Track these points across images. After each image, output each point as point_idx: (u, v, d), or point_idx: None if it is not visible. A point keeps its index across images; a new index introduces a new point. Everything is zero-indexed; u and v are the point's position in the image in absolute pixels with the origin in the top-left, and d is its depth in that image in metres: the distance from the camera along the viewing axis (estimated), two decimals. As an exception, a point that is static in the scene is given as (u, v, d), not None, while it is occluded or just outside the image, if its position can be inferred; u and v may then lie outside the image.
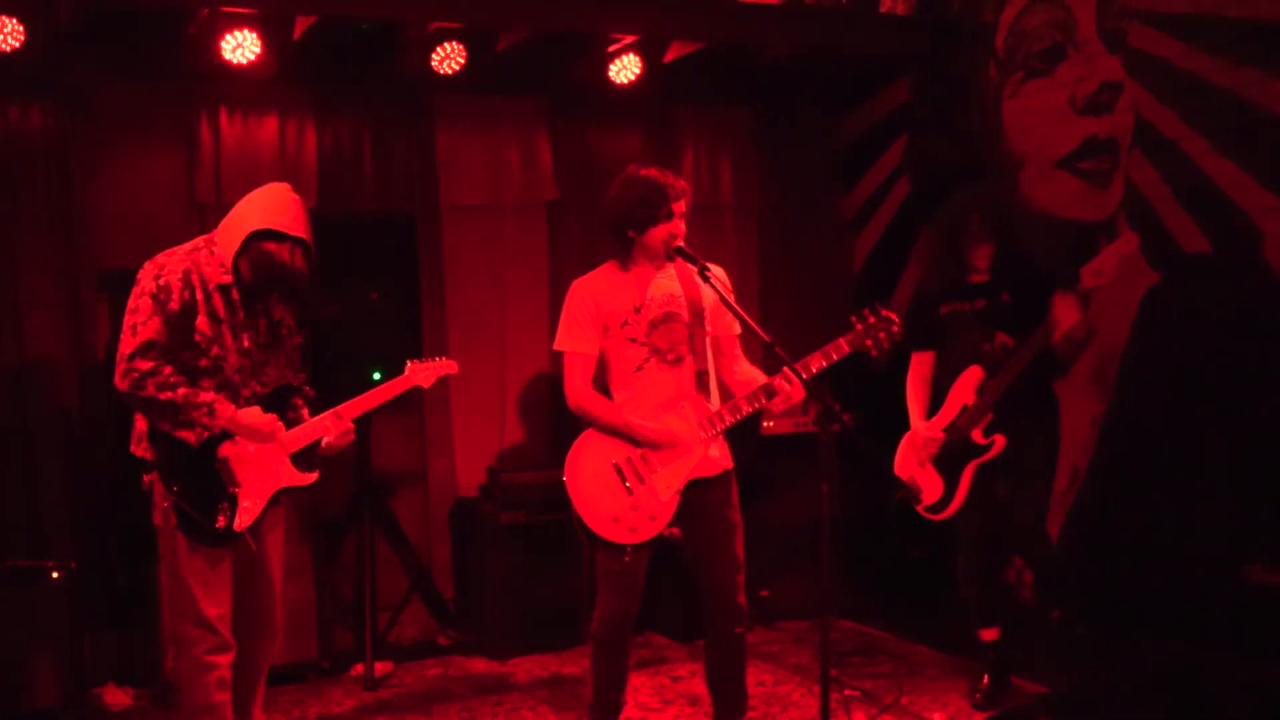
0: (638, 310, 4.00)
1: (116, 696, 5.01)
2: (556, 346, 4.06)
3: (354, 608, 5.53)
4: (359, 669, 5.32)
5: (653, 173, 3.98)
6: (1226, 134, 4.87)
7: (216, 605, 3.69)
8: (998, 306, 4.62)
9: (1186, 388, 5.03)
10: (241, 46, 5.09)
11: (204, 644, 3.68)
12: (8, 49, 4.80)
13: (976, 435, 4.58)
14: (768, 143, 6.76)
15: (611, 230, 4.02)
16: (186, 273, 3.66)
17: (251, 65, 5.16)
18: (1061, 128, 5.60)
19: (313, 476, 3.89)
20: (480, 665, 5.53)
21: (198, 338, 3.66)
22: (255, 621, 3.88)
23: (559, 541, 5.48)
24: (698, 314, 4.05)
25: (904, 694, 4.85)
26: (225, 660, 3.71)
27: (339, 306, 5.26)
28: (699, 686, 5.06)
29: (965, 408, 4.59)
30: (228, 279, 3.72)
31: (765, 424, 6.02)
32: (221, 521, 3.64)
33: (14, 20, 4.76)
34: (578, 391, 3.99)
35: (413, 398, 4.25)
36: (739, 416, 3.98)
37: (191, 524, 3.63)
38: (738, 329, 4.18)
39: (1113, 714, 3.59)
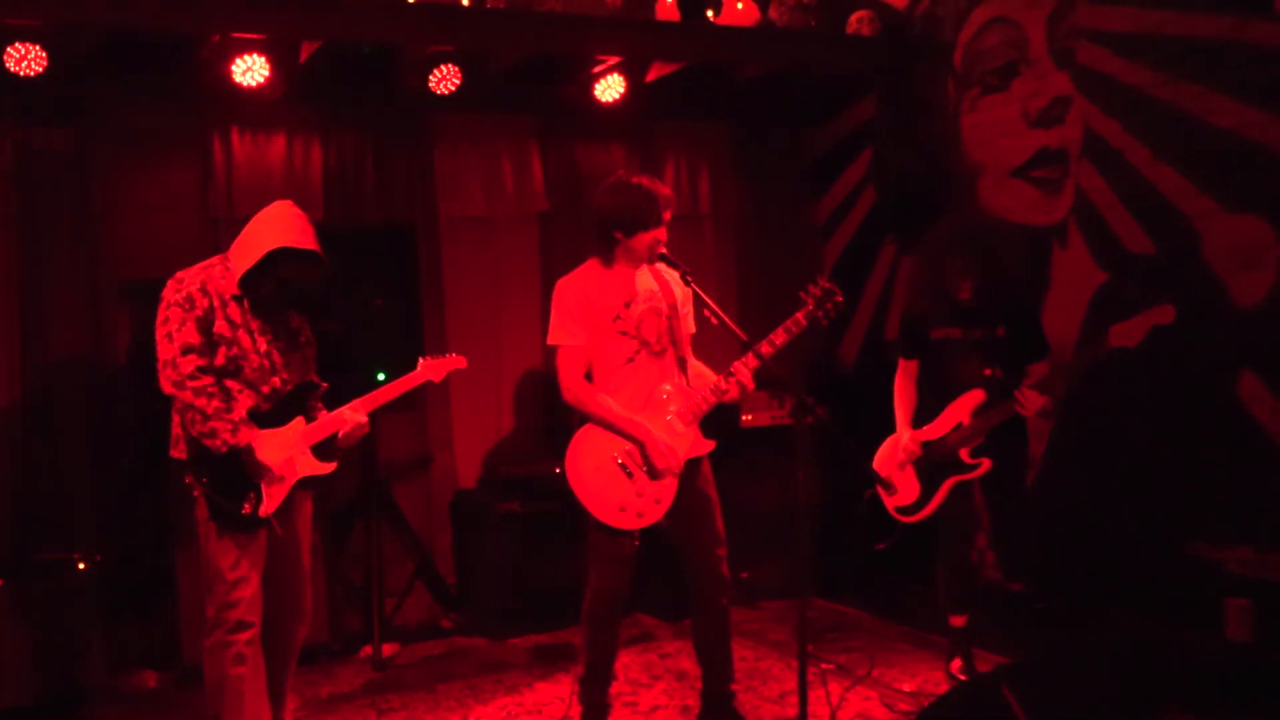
0: (628, 305, 4.02)
1: (142, 680, 5.01)
2: (551, 342, 4.06)
3: (362, 593, 5.53)
4: (367, 650, 5.32)
5: (644, 180, 4.01)
6: (1168, 144, 4.92)
7: (242, 590, 3.73)
8: (994, 339, 4.59)
9: (1133, 379, 5.08)
10: (251, 70, 5.09)
11: (227, 624, 3.73)
12: (32, 74, 4.79)
13: (964, 454, 4.56)
14: (743, 156, 6.79)
15: (599, 230, 4.04)
16: (203, 283, 3.74)
17: (260, 87, 5.16)
18: (1016, 139, 5.64)
19: (331, 466, 3.93)
20: (481, 645, 5.53)
21: (217, 341, 3.72)
22: (286, 604, 3.94)
23: (553, 528, 5.51)
24: (673, 307, 4.12)
25: (876, 667, 4.89)
26: (245, 638, 3.75)
27: (339, 322, 5.29)
28: (685, 663, 5.09)
29: (960, 425, 4.57)
30: (239, 291, 3.76)
31: (745, 416, 6.05)
32: (247, 508, 3.69)
33: (37, 47, 4.76)
34: (574, 385, 3.99)
35: (416, 396, 4.27)
36: (709, 406, 4.04)
37: (220, 511, 3.68)
38: (694, 329, 4.24)
39: (1069, 682, 3.62)
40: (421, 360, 4.23)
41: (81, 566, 4.81)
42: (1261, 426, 4.61)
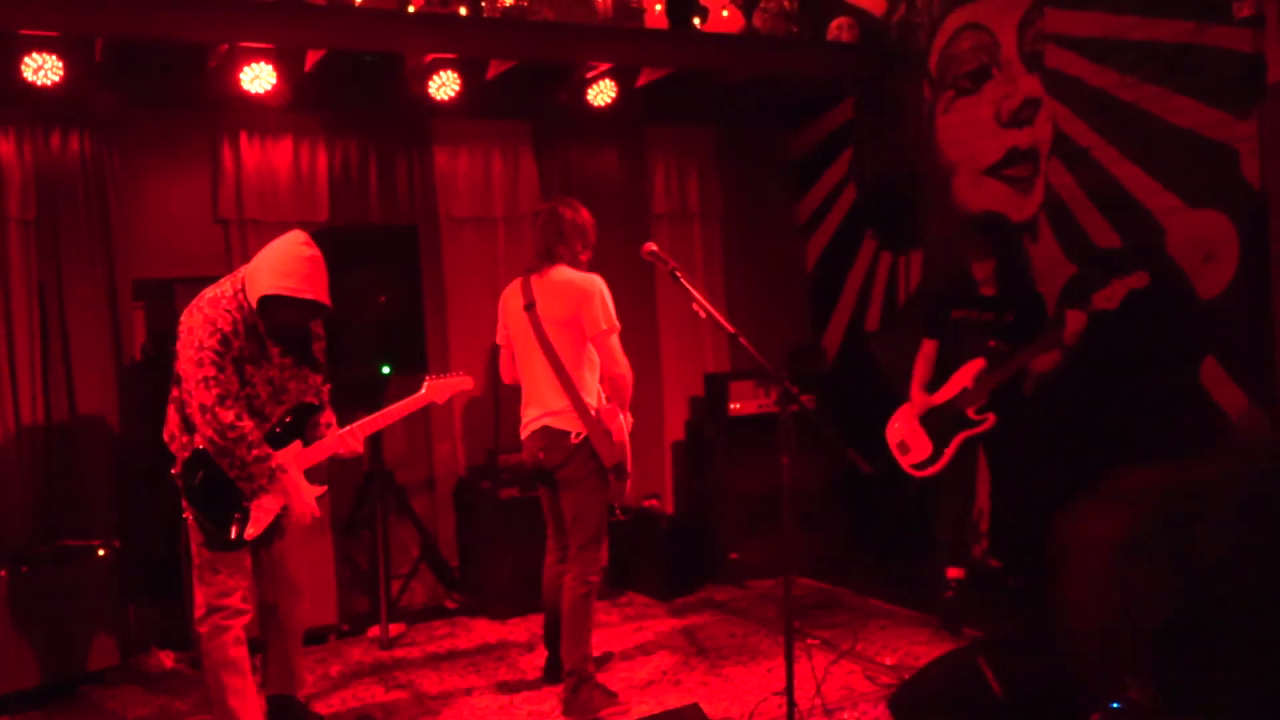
0: None
1: (159, 660, 5.01)
2: (614, 326, 4.21)
3: (369, 577, 5.54)
4: (375, 631, 5.33)
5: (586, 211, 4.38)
6: (1133, 143, 4.95)
7: (235, 581, 3.75)
8: (1003, 322, 4.88)
9: (1101, 367, 5.11)
10: (258, 78, 5.09)
11: (223, 612, 3.74)
12: (49, 83, 4.78)
13: (970, 413, 4.86)
14: (729, 157, 6.80)
15: (589, 241, 4.34)
16: (234, 322, 3.61)
17: (268, 94, 5.15)
18: (988, 140, 5.66)
19: (321, 490, 3.90)
20: (483, 625, 5.55)
21: (241, 378, 3.65)
22: (286, 586, 3.95)
23: (551, 514, 5.51)
24: None
25: (859, 642, 4.91)
26: (240, 623, 3.77)
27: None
28: (678, 639, 5.11)
29: (965, 390, 4.87)
30: (255, 320, 3.66)
31: (733, 405, 6.08)
32: (234, 532, 3.68)
33: (54, 57, 4.75)
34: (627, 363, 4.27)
35: (418, 385, 4.28)
36: None
37: (208, 534, 3.69)
38: None
39: (1040, 654, 3.64)
40: (427, 380, 4.19)
41: (101, 553, 4.82)
42: (1222, 410, 4.64)
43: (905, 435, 5.06)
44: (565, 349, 4.22)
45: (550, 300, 4.25)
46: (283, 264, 3.61)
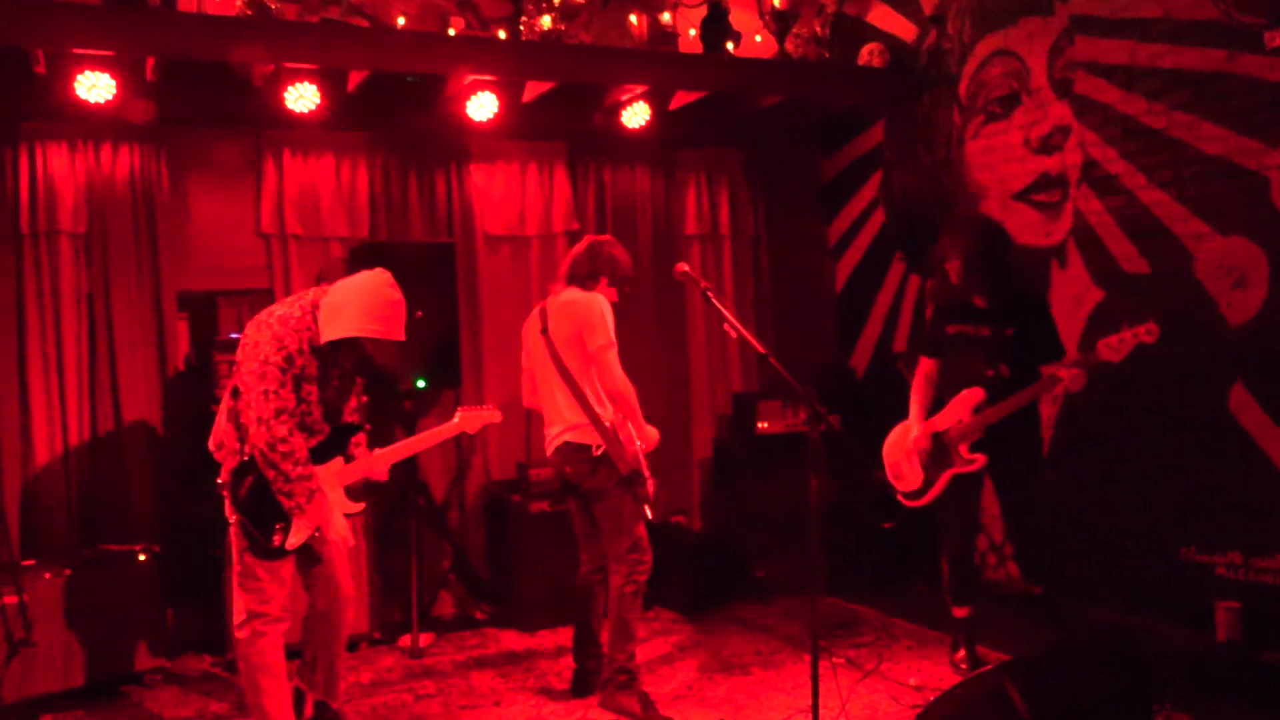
0: None
1: (196, 663, 5.05)
2: (609, 340, 4.28)
3: (401, 587, 5.55)
4: (406, 640, 5.35)
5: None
6: (1161, 170, 4.91)
7: (275, 588, 3.78)
8: (1001, 339, 4.44)
9: (1127, 392, 5.06)
10: (303, 97, 5.16)
11: (263, 618, 3.77)
12: (103, 101, 4.87)
13: (963, 449, 4.50)
14: (760, 179, 6.80)
15: (625, 283, 4.49)
16: (301, 343, 3.69)
17: (311, 113, 5.22)
18: (1018, 165, 5.64)
19: (360, 506, 3.95)
20: (512, 636, 5.54)
21: (299, 396, 3.71)
22: (332, 592, 3.97)
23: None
24: None
25: (884, 662, 4.88)
26: (279, 630, 3.81)
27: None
28: (704, 655, 5.09)
29: (960, 422, 4.50)
30: (320, 343, 3.72)
31: (760, 424, 6.06)
32: (277, 540, 3.71)
33: (108, 75, 4.84)
34: (626, 377, 4.30)
35: (453, 403, 4.33)
36: None
37: (252, 540, 3.71)
38: None
39: (1065, 676, 3.60)
40: (459, 411, 4.26)
41: (141, 558, 4.86)
42: (1250, 437, 4.59)
43: (899, 459, 4.70)
44: (576, 366, 4.33)
45: (559, 320, 4.39)
46: (372, 307, 3.71)
